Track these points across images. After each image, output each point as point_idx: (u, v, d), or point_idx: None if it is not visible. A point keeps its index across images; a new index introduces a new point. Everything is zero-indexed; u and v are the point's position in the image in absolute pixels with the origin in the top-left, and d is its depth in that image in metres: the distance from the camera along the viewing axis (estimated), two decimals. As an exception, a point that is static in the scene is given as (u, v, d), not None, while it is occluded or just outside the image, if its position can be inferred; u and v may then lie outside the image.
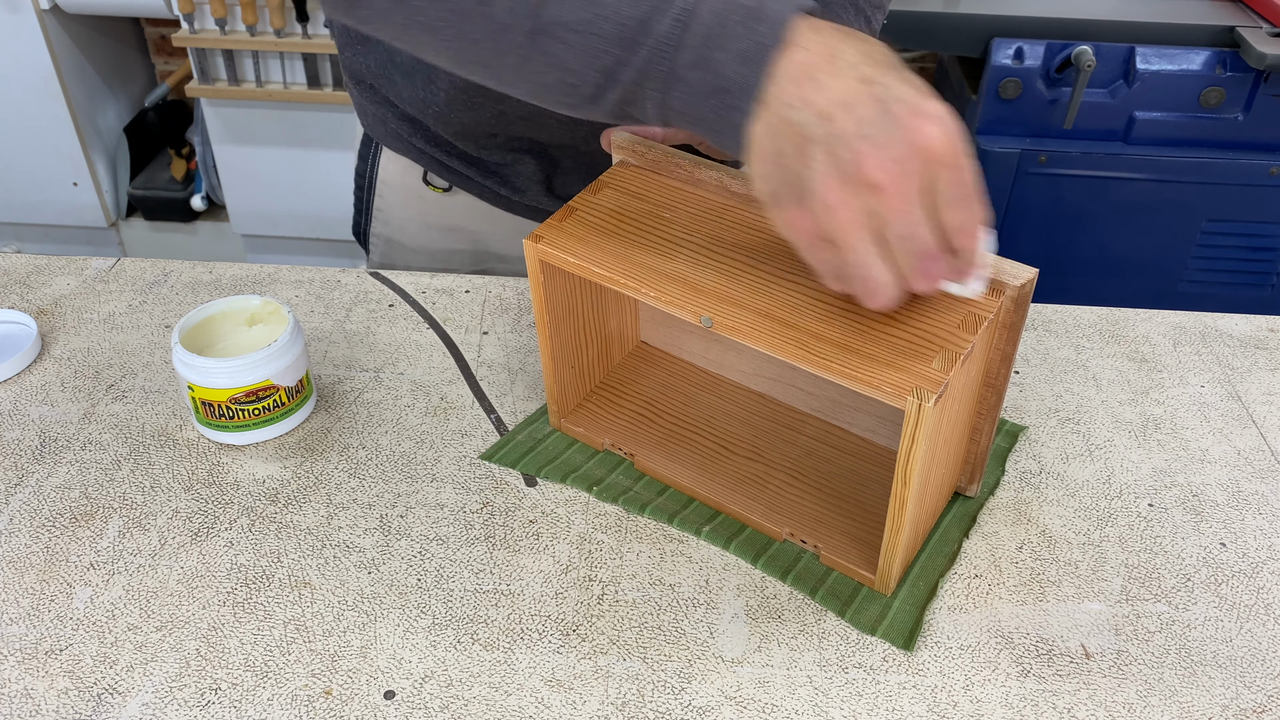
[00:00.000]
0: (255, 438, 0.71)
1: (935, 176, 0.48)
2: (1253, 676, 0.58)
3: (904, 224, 0.48)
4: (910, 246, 0.49)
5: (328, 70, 2.08)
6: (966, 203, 0.49)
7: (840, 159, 0.47)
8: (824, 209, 0.49)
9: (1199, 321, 0.86)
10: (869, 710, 0.56)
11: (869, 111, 0.47)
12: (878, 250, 0.49)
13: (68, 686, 0.56)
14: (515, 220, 0.93)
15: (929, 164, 0.47)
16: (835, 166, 0.48)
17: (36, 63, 2.16)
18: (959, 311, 0.56)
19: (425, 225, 0.95)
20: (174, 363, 0.69)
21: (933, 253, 0.50)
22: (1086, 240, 1.68)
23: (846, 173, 0.47)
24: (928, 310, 0.56)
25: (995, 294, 0.57)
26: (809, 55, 0.49)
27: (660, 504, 0.67)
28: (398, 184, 0.93)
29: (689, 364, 0.77)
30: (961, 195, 0.49)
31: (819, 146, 0.48)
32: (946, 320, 0.55)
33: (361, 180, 0.96)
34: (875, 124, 0.47)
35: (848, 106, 0.47)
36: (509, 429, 0.74)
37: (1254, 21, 1.55)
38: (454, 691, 0.56)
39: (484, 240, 0.95)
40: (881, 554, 0.60)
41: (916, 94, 0.48)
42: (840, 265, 0.51)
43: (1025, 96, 1.58)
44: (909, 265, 0.50)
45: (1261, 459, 0.72)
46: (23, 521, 0.66)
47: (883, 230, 0.49)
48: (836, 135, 0.47)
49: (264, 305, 0.75)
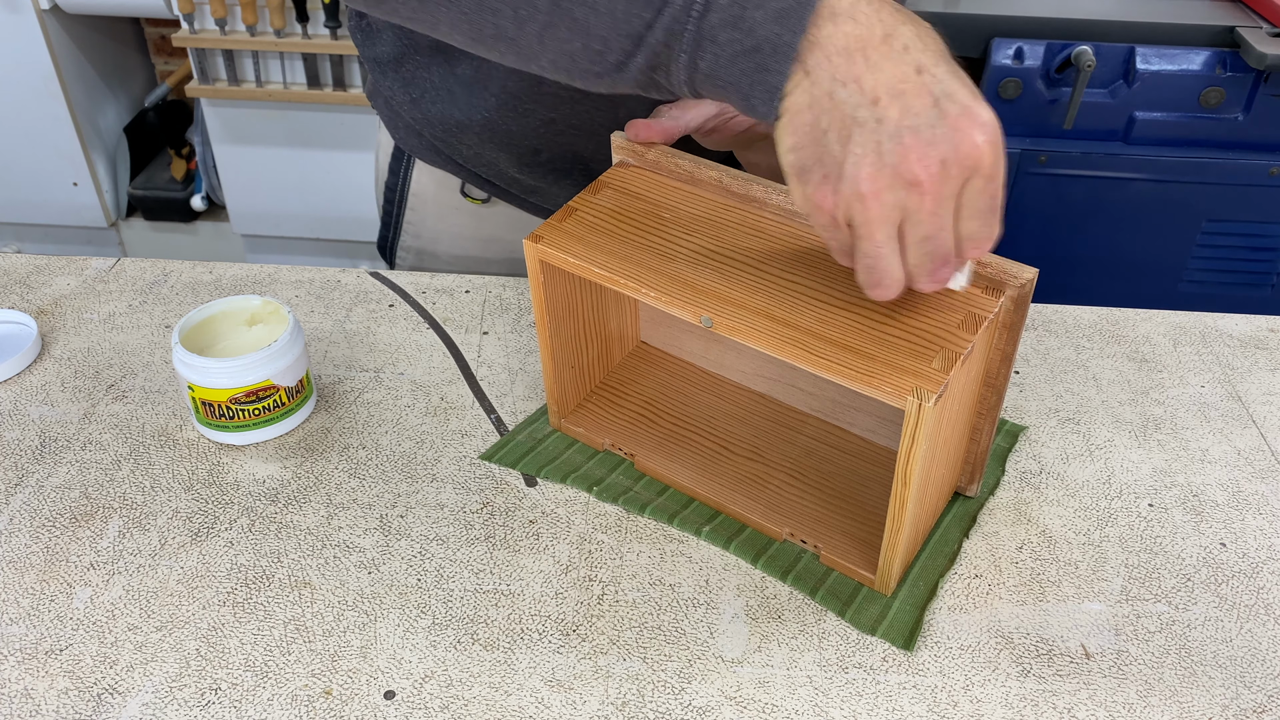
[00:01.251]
0: (255, 438, 0.71)
1: (971, 185, 0.47)
2: (1253, 676, 0.58)
3: (932, 227, 0.48)
4: (930, 249, 0.49)
5: (328, 70, 2.08)
6: (990, 216, 0.48)
7: (883, 148, 0.46)
8: (855, 195, 0.48)
9: (1199, 321, 0.86)
10: (869, 710, 0.56)
11: (921, 104, 0.46)
12: (896, 245, 0.49)
13: (68, 686, 0.56)
14: None
15: (969, 171, 0.47)
16: (877, 155, 0.46)
17: (36, 63, 2.16)
18: (959, 311, 0.56)
19: (460, 237, 0.94)
20: (174, 363, 0.69)
21: (949, 258, 0.50)
22: (1086, 240, 1.68)
23: (887, 164, 0.46)
24: (927, 310, 0.56)
25: (995, 294, 0.57)
26: (860, 30, 0.47)
27: (660, 504, 0.67)
28: (432, 197, 0.92)
29: (689, 364, 0.77)
30: (989, 208, 0.48)
31: (863, 131, 0.46)
32: (946, 320, 0.55)
33: (391, 194, 0.94)
34: (925, 119, 0.46)
35: (900, 95, 0.46)
36: (509, 429, 0.73)
37: (1254, 21, 1.55)
38: (454, 691, 0.56)
39: (519, 249, 0.94)
40: (881, 554, 0.60)
41: (970, 95, 0.47)
42: (856, 250, 0.50)
43: (1025, 96, 1.58)
44: (923, 266, 0.50)
45: (1261, 459, 0.72)
46: (23, 521, 0.66)
47: (906, 227, 0.48)
48: (883, 123, 0.46)
49: (264, 305, 0.75)
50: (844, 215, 0.49)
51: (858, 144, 0.47)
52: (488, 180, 0.88)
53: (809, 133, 0.49)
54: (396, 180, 0.94)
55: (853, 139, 0.47)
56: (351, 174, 2.23)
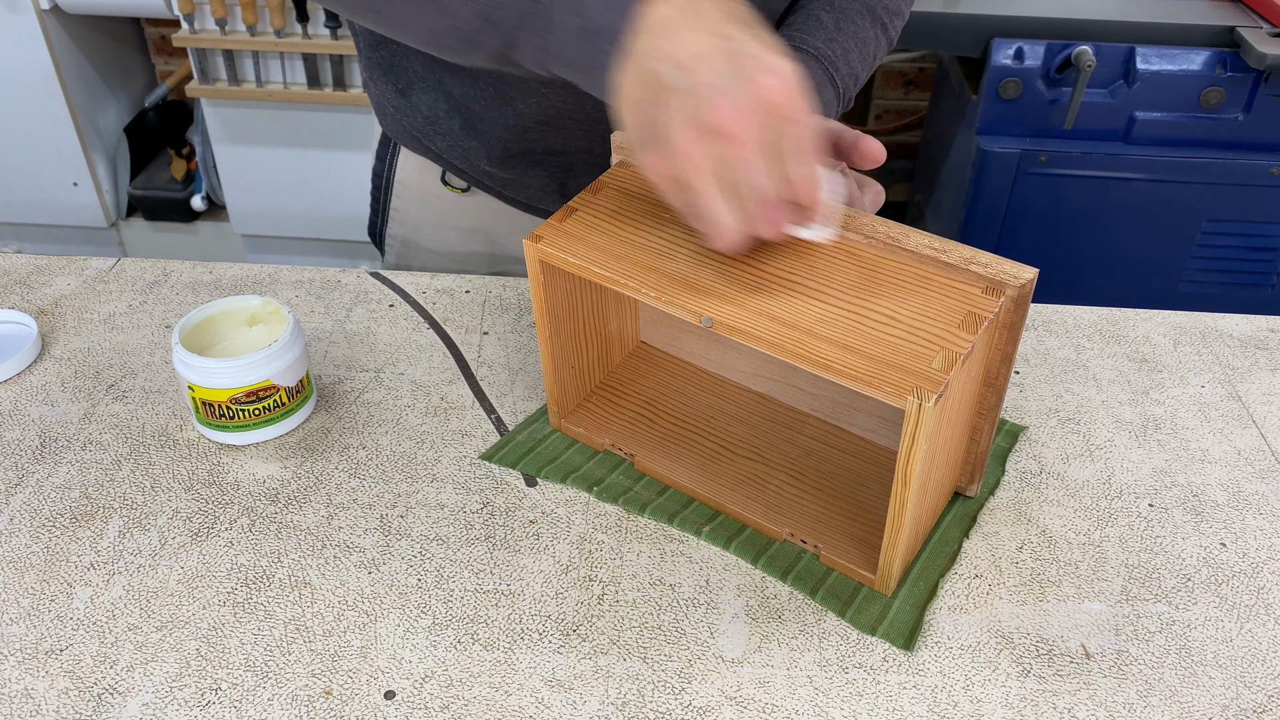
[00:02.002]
0: (255, 438, 0.71)
1: (779, 130, 0.51)
2: (1253, 676, 0.58)
3: (748, 171, 0.51)
4: (754, 194, 0.52)
5: (328, 70, 2.09)
6: (804, 156, 0.52)
7: (694, 108, 0.51)
8: (679, 154, 0.52)
9: (1199, 321, 0.86)
10: (869, 710, 0.56)
11: (721, 64, 0.50)
12: (725, 195, 0.53)
13: (68, 686, 0.56)
14: (534, 222, 0.93)
15: (772, 116, 0.51)
16: (690, 115, 0.51)
17: (36, 63, 2.16)
18: (959, 312, 0.56)
19: (442, 226, 0.95)
20: (174, 363, 0.69)
21: (773, 201, 0.53)
22: (1086, 240, 1.68)
23: (700, 121, 0.51)
24: (928, 311, 0.56)
25: (995, 294, 0.57)
26: (672, 10, 0.52)
27: (660, 504, 0.67)
28: (415, 184, 0.93)
29: (689, 364, 0.77)
30: (799, 148, 0.52)
31: (676, 95, 0.51)
32: (946, 320, 0.55)
33: (379, 180, 0.96)
34: (726, 76, 0.50)
35: (702, 59, 0.51)
36: (509, 429, 0.74)
37: (1254, 21, 1.55)
38: (454, 691, 0.56)
39: (501, 242, 0.95)
40: (881, 553, 0.60)
41: (764, 49, 0.51)
42: (693, 207, 0.54)
43: (1025, 96, 1.58)
44: (752, 211, 0.53)
45: (1261, 459, 0.72)
46: (23, 521, 0.66)
47: (730, 177, 0.52)
48: (691, 86, 0.51)
49: (264, 305, 0.75)
50: (677, 175, 0.53)
51: (672, 108, 0.51)
52: (464, 170, 0.89)
53: (638, 107, 0.54)
54: (383, 167, 0.95)
55: (669, 104, 0.52)
56: (352, 174, 2.23)
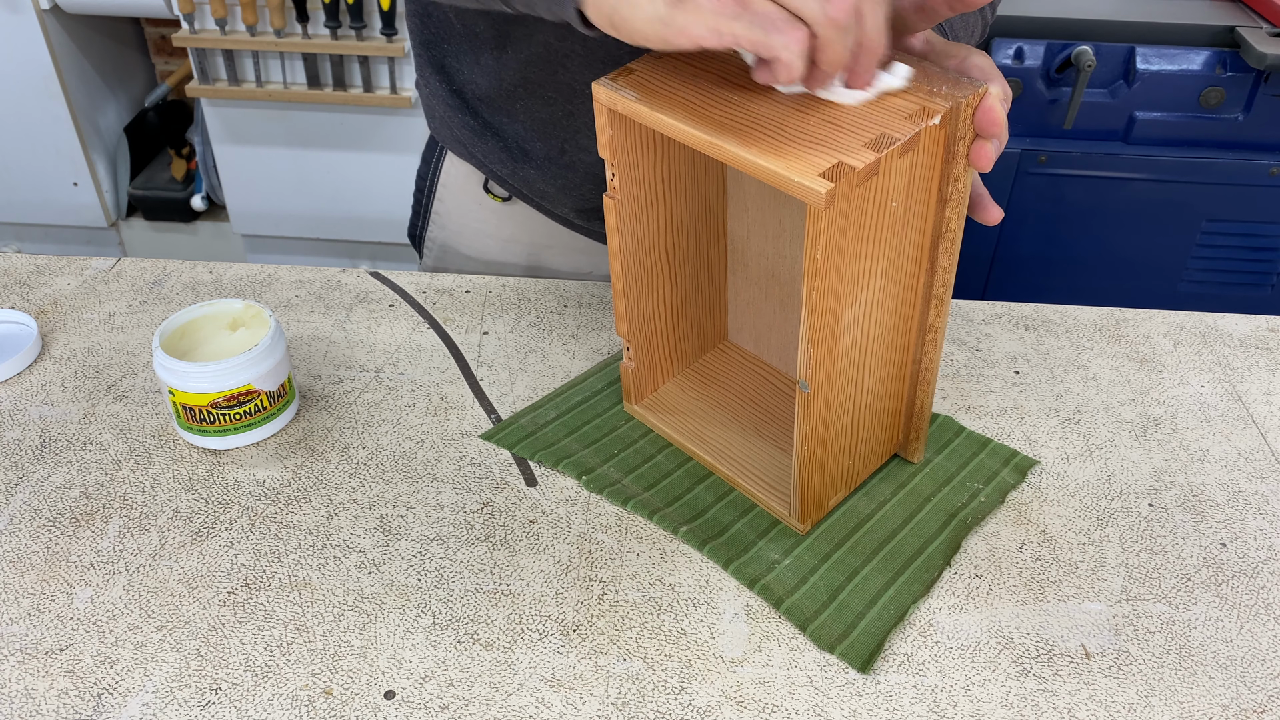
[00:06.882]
0: (236, 442, 0.71)
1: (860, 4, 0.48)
2: (1253, 676, 0.58)
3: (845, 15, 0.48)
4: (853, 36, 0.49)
5: (328, 70, 2.08)
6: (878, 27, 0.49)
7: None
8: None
9: (1199, 321, 0.86)
10: (869, 710, 0.56)
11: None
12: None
13: (68, 686, 0.56)
14: (572, 235, 0.93)
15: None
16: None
17: (36, 63, 2.16)
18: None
19: (481, 234, 0.95)
20: (154, 367, 0.69)
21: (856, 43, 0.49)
22: (1086, 240, 1.68)
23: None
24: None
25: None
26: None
27: (644, 499, 0.67)
28: (458, 189, 0.94)
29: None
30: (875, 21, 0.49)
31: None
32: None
33: (422, 183, 0.97)
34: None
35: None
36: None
37: (1254, 21, 1.55)
38: (454, 691, 0.56)
39: (539, 253, 0.95)
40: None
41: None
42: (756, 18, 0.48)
43: (1025, 96, 1.58)
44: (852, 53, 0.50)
45: (1261, 459, 0.72)
46: (23, 521, 0.66)
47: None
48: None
49: (246, 309, 0.75)
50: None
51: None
52: (505, 179, 0.89)
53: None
54: (428, 169, 0.95)
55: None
56: (352, 174, 2.23)
